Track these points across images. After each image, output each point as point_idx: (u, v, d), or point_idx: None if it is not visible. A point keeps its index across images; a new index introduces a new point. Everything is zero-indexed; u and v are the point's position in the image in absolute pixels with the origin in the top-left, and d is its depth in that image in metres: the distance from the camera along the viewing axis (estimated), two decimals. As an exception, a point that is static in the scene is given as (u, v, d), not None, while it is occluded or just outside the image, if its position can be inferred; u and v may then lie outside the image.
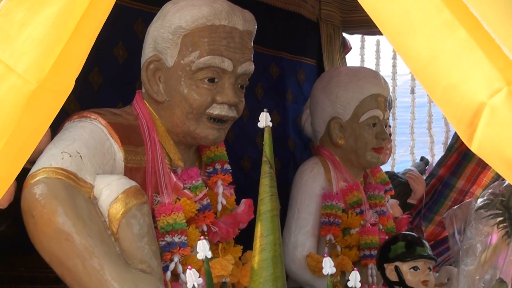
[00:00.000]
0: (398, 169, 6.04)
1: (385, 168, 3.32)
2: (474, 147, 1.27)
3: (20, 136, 1.43)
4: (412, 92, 6.59)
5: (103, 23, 1.49)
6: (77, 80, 1.55)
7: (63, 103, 1.48)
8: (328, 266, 1.55)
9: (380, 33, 4.73)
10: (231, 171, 2.25)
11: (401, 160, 6.88)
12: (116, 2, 1.55)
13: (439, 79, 1.27)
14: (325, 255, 1.60)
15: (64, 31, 1.38)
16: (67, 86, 1.47)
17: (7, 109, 1.38)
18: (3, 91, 1.36)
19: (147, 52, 2.11)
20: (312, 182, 2.90)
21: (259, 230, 1.59)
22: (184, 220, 2.00)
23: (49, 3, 1.36)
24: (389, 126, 3.14)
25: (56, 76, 1.41)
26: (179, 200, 2.04)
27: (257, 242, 1.59)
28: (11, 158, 1.46)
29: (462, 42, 1.24)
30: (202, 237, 1.55)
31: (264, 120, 1.62)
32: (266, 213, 1.59)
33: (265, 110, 1.63)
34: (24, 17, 1.37)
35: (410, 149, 6.70)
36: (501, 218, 2.16)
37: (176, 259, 1.99)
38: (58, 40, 1.38)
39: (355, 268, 1.59)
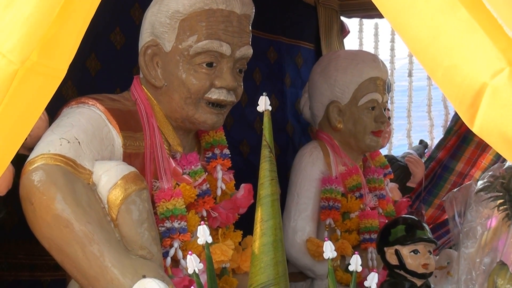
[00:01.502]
0: (396, 152, 6.04)
1: (383, 152, 3.31)
2: (475, 128, 1.26)
3: (9, 120, 1.41)
4: (410, 75, 6.57)
5: (95, 6, 1.47)
6: (74, 66, 1.53)
7: (56, 88, 1.45)
8: (329, 250, 1.55)
9: (378, 16, 4.71)
10: (230, 156, 2.24)
11: (398, 144, 6.88)
12: (113, -13, 1.53)
13: (440, 60, 1.26)
14: (325, 239, 1.59)
15: (48, 11, 1.36)
16: (60, 70, 1.45)
17: None
18: None
19: (145, 37, 2.10)
20: (311, 166, 2.89)
21: (259, 214, 1.58)
22: (184, 206, 2.00)
23: None
24: (388, 110, 3.12)
25: (46, 59, 1.39)
26: (179, 185, 2.03)
27: (258, 227, 1.58)
28: (3, 143, 1.45)
29: (463, 22, 1.22)
30: (202, 222, 1.53)
31: (264, 104, 1.61)
32: (266, 197, 1.58)
33: (264, 94, 1.61)
34: None
35: (407, 132, 6.70)
36: (501, 201, 2.16)
37: (176, 244, 1.99)
38: (42, 20, 1.36)
39: (356, 252, 1.59)
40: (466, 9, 1.22)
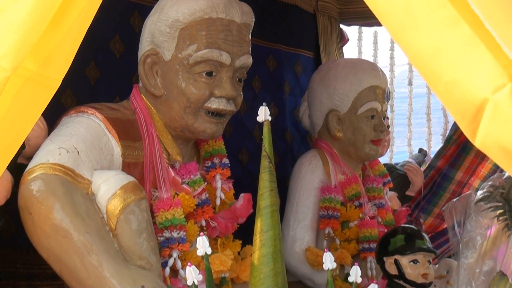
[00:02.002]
0: (396, 159, 6.04)
1: (383, 159, 3.31)
2: (477, 143, 1.26)
3: (5, 129, 1.41)
4: (410, 84, 6.59)
5: (92, 16, 1.47)
6: (74, 74, 1.53)
7: (51, 97, 1.45)
8: (329, 261, 1.54)
9: (377, 25, 4.71)
10: (229, 165, 2.23)
11: (398, 151, 6.88)
12: (112, -5, 1.53)
13: (442, 75, 1.26)
14: (325, 250, 1.58)
15: (41, 19, 1.36)
16: (55, 80, 1.44)
17: None
18: None
19: (144, 45, 2.09)
20: (311, 175, 2.89)
21: (259, 225, 1.57)
22: (183, 215, 1.99)
23: None
24: (387, 118, 3.12)
25: (41, 68, 1.39)
26: (178, 195, 2.03)
27: (257, 238, 1.57)
28: None
29: (465, 38, 1.22)
30: (202, 233, 1.53)
31: (263, 114, 1.60)
32: (265, 208, 1.58)
33: (264, 104, 1.61)
34: (2, 5, 1.35)
35: (408, 140, 6.70)
36: (501, 211, 2.16)
37: (175, 254, 1.98)
38: (35, 27, 1.36)
39: (356, 263, 1.58)
40: (468, 25, 1.22)
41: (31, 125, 1.51)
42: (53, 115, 1.80)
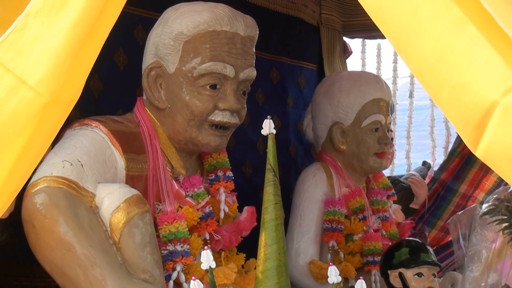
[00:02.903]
0: (397, 172, 6.03)
1: (385, 172, 3.29)
2: (479, 151, 1.23)
3: (33, 148, 1.43)
4: (411, 96, 6.58)
5: (108, 32, 1.48)
6: (78, 87, 1.53)
7: (68, 113, 1.47)
8: (334, 275, 1.53)
9: (380, 37, 4.72)
10: (233, 178, 2.23)
11: (399, 163, 6.86)
12: (116, 8, 1.54)
13: (447, 79, 1.24)
14: (330, 264, 1.58)
15: (77, 43, 1.38)
16: (74, 95, 1.46)
17: (20, 122, 1.37)
18: (15, 104, 1.36)
19: (148, 58, 2.09)
20: (314, 188, 2.88)
21: (263, 239, 1.57)
22: (187, 229, 1.98)
23: (62, 16, 1.36)
24: (391, 131, 3.12)
25: (67, 87, 1.41)
26: (181, 208, 2.02)
27: (262, 251, 1.57)
28: (24, 170, 1.46)
29: (473, 40, 1.20)
30: (206, 247, 1.52)
31: (268, 127, 1.60)
32: (270, 221, 1.58)
33: (268, 117, 1.61)
34: (39, 31, 1.36)
35: (406, 153, 6.68)
36: (506, 224, 2.15)
37: (178, 268, 1.97)
38: (71, 52, 1.37)
39: (361, 277, 1.57)
40: (475, 26, 1.20)
41: (51, 140, 1.53)
42: (57, 128, 1.80)
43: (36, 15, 1.36)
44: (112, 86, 2.69)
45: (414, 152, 6.80)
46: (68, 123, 2.02)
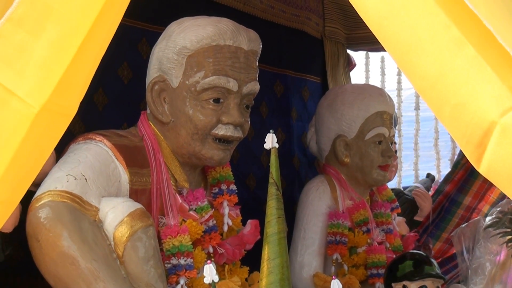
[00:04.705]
0: (403, 183, 6.02)
1: (391, 184, 3.30)
2: (482, 169, 1.24)
3: (24, 159, 1.42)
4: (417, 108, 6.58)
5: (107, 45, 1.48)
6: (82, 101, 1.54)
7: (66, 126, 1.46)
8: (337, 288, 1.53)
9: (384, 50, 4.72)
10: (237, 191, 2.23)
11: (406, 174, 6.86)
12: (120, 22, 1.54)
13: (448, 98, 1.24)
14: (333, 277, 1.58)
15: (65, 55, 1.36)
16: (72, 108, 1.46)
17: (8, 133, 1.36)
18: (4, 115, 1.35)
19: (152, 72, 2.10)
20: (318, 201, 2.88)
21: (266, 252, 1.57)
22: (190, 242, 1.99)
23: (49, 27, 1.35)
24: (395, 143, 3.12)
25: (60, 99, 1.40)
26: (185, 221, 2.02)
27: (265, 265, 1.57)
28: (15, 181, 1.45)
29: (470, 60, 1.21)
30: (209, 261, 1.52)
31: (271, 141, 1.60)
32: (273, 235, 1.58)
33: (271, 131, 1.61)
34: (24, 40, 1.35)
35: (414, 165, 6.68)
36: (510, 237, 2.14)
37: (182, 281, 1.97)
38: (60, 63, 1.36)
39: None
40: (473, 46, 1.21)
41: (49, 154, 1.52)
42: (61, 142, 1.80)
43: (20, 22, 1.34)
44: (117, 100, 2.70)
45: (420, 163, 6.80)
46: (72, 137, 2.03)
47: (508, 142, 1.18)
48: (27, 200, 1.79)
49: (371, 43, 4.20)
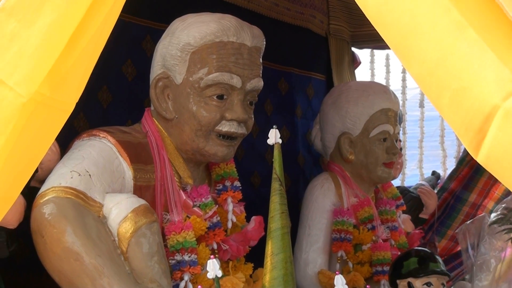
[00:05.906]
0: (408, 183, 6.01)
1: (395, 182, 3.29)
2: (480, 157, 1.21)
3: (19, 154, 1.41)
4: (421, 106, 6.56)
5: (105, 40, 1.47)
6: (86, 98, 1.53)
7: (64, 121, 1.46)
8: (340, 284, 1.53)
9: (389, 47, 4.71)
10: (241, 188, 2.23)
11: (411, 174, 6.84)
12: (124, 20, 1.54)
13: (448, 83, 1.22)
14: (337, 272, 1.58)
15: (56, 44, 1.36)
16: (68, 104, 1.45)
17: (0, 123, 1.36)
18: None
19: (156, 69, 2.11)
20: (323, 198, 2.88)
21: (269, 248, 1.57)
22: (194, 238, 1.99)
23: (41, 16, 1.34)
24: (400, 141, 3.12)
25: (55, 93, 1.39)
26: (189, 218, 2.02)
27: (268, 260, 1.57)
28: (12, 175, 1.44)
29: (472, 43, 1.18)
30: (212, 256, 1.52)
31: (274, 137, 1.60)
32: (276, 230, 1.58)
33: (274, 127, 1.61)
34: (15, 29, 1.35)
35: (419, 163, 6.66)
36: (515, 233, 2.14)
37: (186, 277, 1.98)
38: (50, 53, 1.36)
39: (367, 286, 1.57)
40: (474, 30, 1.18)
41: (46, 149, 1.51)
42: (65, 139, 1.81)
43: (12, 12, 1.34)
44: (121, 97, 2.70)
45: (425, 162, 6.78)
46: (77, 134, 2.04)
47: (510, 127, 1.15)
48: (31, 196, 1.80)
49: (376, 41, 4.20)
